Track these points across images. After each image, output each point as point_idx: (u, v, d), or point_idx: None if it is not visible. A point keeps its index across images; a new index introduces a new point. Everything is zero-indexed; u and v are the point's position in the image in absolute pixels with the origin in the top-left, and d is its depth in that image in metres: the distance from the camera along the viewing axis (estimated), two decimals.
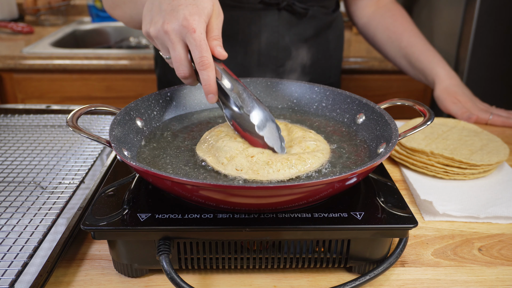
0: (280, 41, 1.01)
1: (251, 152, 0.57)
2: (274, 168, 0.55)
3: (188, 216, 0.51)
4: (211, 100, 0.58)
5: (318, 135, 0.65)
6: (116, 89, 1.70)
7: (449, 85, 1.02)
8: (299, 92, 0.76)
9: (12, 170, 0.70)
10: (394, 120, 0.61)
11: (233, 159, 0.56)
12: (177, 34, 0.56)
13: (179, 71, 0.59)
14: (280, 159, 0.56)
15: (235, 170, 0.56)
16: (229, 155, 0.57)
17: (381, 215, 0.52)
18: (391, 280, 0.55)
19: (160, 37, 0.58)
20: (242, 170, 0.55)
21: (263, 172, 0.55)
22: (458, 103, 1.00)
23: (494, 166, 0.76)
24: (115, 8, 0.90)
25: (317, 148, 0.61)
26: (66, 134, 0.83)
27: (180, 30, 0.56)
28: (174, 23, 0.56)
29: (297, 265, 0.54)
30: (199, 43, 0.55)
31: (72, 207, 0.62)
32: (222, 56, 0.58)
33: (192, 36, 0.55)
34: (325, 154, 0.60)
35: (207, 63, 0.55)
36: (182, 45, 0.57)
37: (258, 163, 0.56)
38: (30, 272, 0.51)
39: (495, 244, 0.62)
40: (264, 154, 0.57)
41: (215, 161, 0.58)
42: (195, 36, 0.55)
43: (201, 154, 0.60)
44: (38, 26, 2.12)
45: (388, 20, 1.11)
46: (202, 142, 0.63)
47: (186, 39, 0.56)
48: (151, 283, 0.54)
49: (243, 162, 0.56)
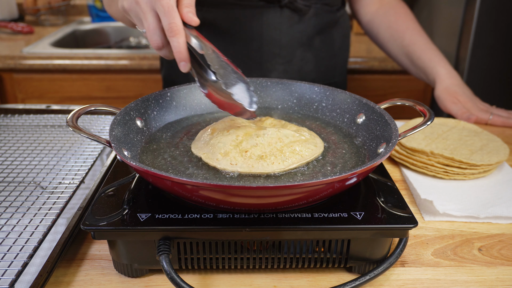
0: (282, 39, 1.01)
1: (245, 146, 0.58)
2: (268, 161, 0.56)
3: (188, 216, 0.51)
4: (184, 68, 0.58)
5: (312, 131, 0.66)
6: (116, 89, 1.70)
7: (449, 84, 1.02)
8: (299, 92, 0.76)
9: (12, 170, 0.70)
10: (394, 120, 0.61)
11: (227, 155, 0.57)
12: (147, 4, 0.57)
13: (152, 41, 0.59)
14: (274, 151, 0.57)
15: (229, 164, 0.57)
16: (223, 150, 0.58)
17: (381, 215, 0.52)
18: (391, 280, 0.55)
19: (133, 9, 0.59)
20: (237, 164, 0.56)
21: (258, 165, 0.56)
22: (458, 103, 1.00)
23: (494, 166, 0.76)
24: (111, 5, 0.91)
25: (311, 140, 0.61)
26: (66, 134, 0.83)
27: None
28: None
29: (297, 265, 0.54)
30: (167, 9, 0.55)
31: (72, 207, 0.62)
32: (194, 22, 0.57)
33: (160, 3, 0.55)
34: (318, 147, 0.61)
35: (176, 29, 0.55)
36: (153, 14, 0.57)
37: (252, 157, 0.57)
38: (30, 272, 0.51)
39: (495, 244, 0.62)
40: (258, 147, 0.58)
41: (210, 157, 0.58)
42: (163, 3, 0.55)
43: (195, 151, 0.61)
44: (38, 26, 2.12)
45: (391, 18, 1.11)
46: (197, 141, 0.63)
47: (156, 8, 0.56)
48: (151, 283, 0.54)
49: (237, 157, 0.57)
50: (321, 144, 0.63)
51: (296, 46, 1.03)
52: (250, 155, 0.57)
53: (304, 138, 0.61)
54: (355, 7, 1.18)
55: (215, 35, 1.02)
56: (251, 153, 0.57)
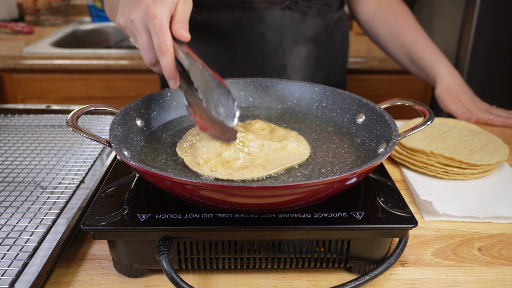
0: (284, 40, 1.01)
1: (227, 157, 0.57)
2: (248, 171, 0.56)
3: (188, 216, 0.51)
4: (172, 86, 0.59)
5: (300, 136, 0.65)
6: (116, 89, 1.70)
7: (450, 84, 1.02)
8: (299, 92, 0.76)
9: (12, 170, 0.70)
10: (394, 120, 0.61)
11: (208, 161, 0.57)
12: (141, 22, 0.58)
13: (145, 58, 0.60)
14: (255, 164, 0.57)
15: (209, 171, 0.56)
16: (205, 156, 0.57)
17: (381, 215, 0.52)
18: (391, 280, 0.55)
19: (128, 26, 0.60)
20: (217, 171, 0.56)
21: (237, 173, 0.55)
22: (458, 103, 1.00)
23: (494, 166, 0.76)
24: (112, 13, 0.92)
25: (295, 150, 0.61)
26: (66, 134, 0.83)
27: (143, 17, 0.57)
28: (138, 12, 0.58)
29: (297, 265, 0.54)
30: (158, 29, 0.56)
31: (72, 207, 0.62)
32: (185, 38, 0.58)
33: (152, 22, 0.56)
34: (302, 155, 0.60)
35: (164, 49, 0.56)
36: (147, 32, 0.59)
37: (232, 167, 0.56)
38: (30, 272, 0.51)
39: (495, 244, 0.62)
40: (240, 161, 0.57)
41: (192, 160, 0.58)
42: (155, 22, 0.56)
43: (180, 153, 0.61)
44: (38, 26, 2.12)
45: (390, 17, 1.11)
46: (183, 140, 0.63)
47: (149, 26, 0.57)
48: (151, 283, 0.54)
49: (218, 165, 0.56)
50: (307, 151, 0.62)
51: (298, 47, 1.03)
52: (230, 166, 0.56)
53: (289, 150, 0.60)
54: (353, 6, 1.18)
55: (216, 38, 1.02)
56: (232, 164, 0.56)
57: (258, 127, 0.65)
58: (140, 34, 0.59)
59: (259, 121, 0.66)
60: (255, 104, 0.77)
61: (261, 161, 0.58)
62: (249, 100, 0.77)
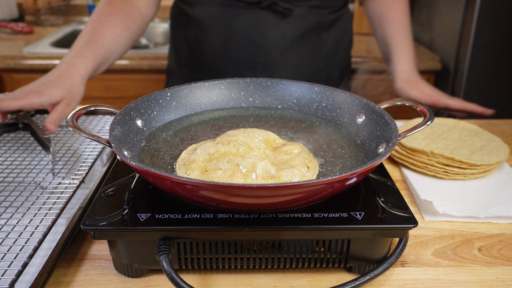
0: (264, 40, 1.03)
1: (208, 166, 0.55)
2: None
3: (188, 216, 0.51)
4: None
5: (311, 156, 0.59)
6: (116, 89, 1.70)
7: (408, 76, 1.04)
8: (299, 92, 0.76)
9: (12, 170, 0.70)
10: (394, 120, 0.61)
11: (191, 164, 0.55)
12: (20, 91, 0.76)
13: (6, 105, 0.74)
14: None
15: (184, 173, 0.55)
16: (193, 157, 0.56)
17: (381, 215, 0.52)
18: (391, 280, 0.55)
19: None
20: (189, 176, 0.54)
21: None
22: (418, 89, 1.01)
23: (494, 166, 0.76)
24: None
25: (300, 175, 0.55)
26: (66, 134, 0.83)
27: (23, 89, 0.76)
28: (29, 86, 0.77)
29: (297, 265, 0.54)
30: (12, 98, 0.73)
31: (72, 207, 0.62)
32: (49, 131, 0.74)
33: (18, 94, 0.74)
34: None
35: None
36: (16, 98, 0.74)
37: (206, 178, 0.54)
38: (30, 272, 0.51)
39: (495, 244, 0.62)
40: (220, 172, 0.54)
41: (184, 157, 0.58)
42: (16, 95, 0.74)
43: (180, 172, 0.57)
44: (38, 26, 2.12)
45: (384, 6, 1.12)
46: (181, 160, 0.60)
47: (18, 95, 0.75)
48: (151, 283, 0.54)
49: (195, 171, 0.55)
50: (314, 175, 0.56)
51: (279, 47, 1.04)
52: (207, 174, 0.54)
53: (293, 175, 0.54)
54: None
55: (203, 32, 1.05)
56: (208, 174, 0.54)
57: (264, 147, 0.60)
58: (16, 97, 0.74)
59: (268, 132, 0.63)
60: (255, 104, 0.77)
61: None
62: (249, 100, 0.77)
